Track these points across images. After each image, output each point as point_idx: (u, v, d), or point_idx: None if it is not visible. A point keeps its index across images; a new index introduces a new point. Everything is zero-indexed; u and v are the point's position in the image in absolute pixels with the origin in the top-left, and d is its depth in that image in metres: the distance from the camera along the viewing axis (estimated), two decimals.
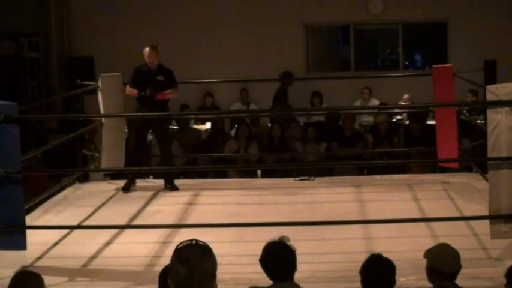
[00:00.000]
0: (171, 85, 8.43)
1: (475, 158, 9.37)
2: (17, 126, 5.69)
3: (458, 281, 4.12)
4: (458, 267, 4.12)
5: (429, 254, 4.17)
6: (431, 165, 9.80)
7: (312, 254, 5.73)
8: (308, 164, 10.56)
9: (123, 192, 8.26)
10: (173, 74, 8.49)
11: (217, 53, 13.64)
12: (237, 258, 5.70)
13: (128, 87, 8.39)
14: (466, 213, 6.70)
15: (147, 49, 8.34)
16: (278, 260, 4.00)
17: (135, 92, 8.29)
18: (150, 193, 8.27)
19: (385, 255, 4.05)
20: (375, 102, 12.58)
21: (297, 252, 4.03)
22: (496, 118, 5.68)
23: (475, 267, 5.09)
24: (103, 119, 8.64)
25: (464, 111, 9.62)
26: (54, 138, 9.26)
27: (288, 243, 4.04)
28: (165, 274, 3.62)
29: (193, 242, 2.64)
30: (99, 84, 8.54)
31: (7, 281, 4.12)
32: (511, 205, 5.58)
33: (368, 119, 12.20)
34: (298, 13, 13.61)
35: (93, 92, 8.77)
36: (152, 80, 8.30)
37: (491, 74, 8.32)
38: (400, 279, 4.11)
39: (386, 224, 6.36)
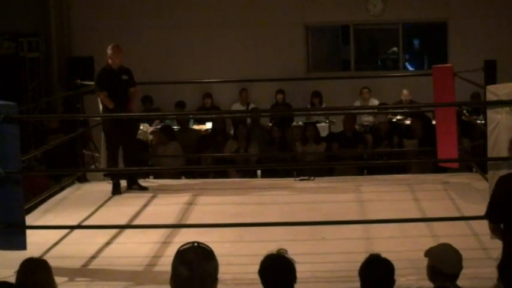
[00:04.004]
0: (133, 84, 8.48)
1: (475, 158, 9.36)
2: (17, 126, 5.69)
3: (459, 281, 4.12)
4: (460, 269, 4.12)
5: (431, 253, 4.16)
6: (431, 165, 9.80)
7: (312, 254, 5.73)
8: (308, 164, 10.55)
9: (117, 195, 8.25)
10: (132, 73, 8.54)
11: (216, 53, 13.63)
12: (237, 258, 5.70)
13: (103, 95, 8.24)
14: (466, 213, 6.70)
15: (111, 50, 8.34)
16: (276, 273, 3.78)
17: (111, 104, 8.19)
18: (150, 193, 8.27)
19: (385, 255, 4.04)
20: (374, 102, 12.57)
21: (297, 252, 4.00)
22: (496, 118, 5.69)
23: (475, 267, 5.09)
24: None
25: (464, 112, 9.62)
26: (54, 138, 9.26)
27: (286, 256, 3.82)
28: None
29: (195, 244, 2.64)
30: None
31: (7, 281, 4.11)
32: None
33: (368, 119, 12.19)
34: (298, 13, 13.60)
35: (93, 92, 8.77)
36: (118, 80, 8.32)
37: (491, 74, 8.32)
38: (400, 279, 4.11)
39: (386, 224, 6.36)
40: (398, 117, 11.86)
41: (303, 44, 13.84)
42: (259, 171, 10.34)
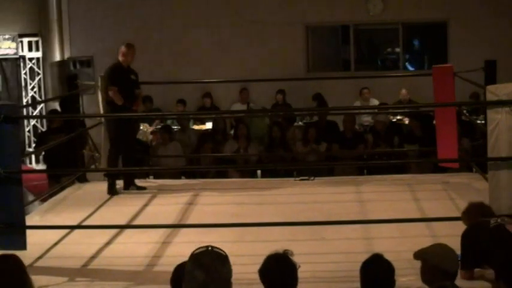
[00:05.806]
0: (138, 85, 8.46)
1: (475, 158, 9.36)
2: (17, 126, 5.69)
3: (458, 281, 4.12)
4: (458, 267, 4.16)
5: (429, 254, 4.16)
6: (431, 165, 9.79)
7: (312, 254, 5.73)
8: (308, 164, 10.55)
9: (117, 195, 8.23)
10: (138, 75, 8.53)
11: (217, 53, 13.64)
12: (237, 258, 5.67)
13: (114, 91, 8.13)
14: None
15: (126, 48, 8.28)
16: (275, 274, 3.78)
17: (121, 101, 8.11)
18: (150, 193, 8.27)
19: (385, 255, 4.04)
20: (374, 102, 12.58)
21: (297, 252, 3.99)
22: (496, 118, 5.68)
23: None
24: (103, 119, 8.64)
25: (464, 112, 9.61)
26: (55, 138, 9.27)
27: (291, 257, 3.82)
28: (177, 273, 3.55)
29: (210, 248, 2.62)
30: (99, 84, 8.54)
31: None
32: (511, 205, 5.58)
33: (368, 119, 12.19)
34: (298, 13, 13.61)
35: (93, 92, 8.77)
36: (128, 79, 8.29)
37: (491, 74, 8.30)
38: (400, 279, 4.11)
39: (386, 224, 6.36)
40: (398, 117, 11.87)
41: (303, 44, 13.84)
42: (259, 171, 10.34)
